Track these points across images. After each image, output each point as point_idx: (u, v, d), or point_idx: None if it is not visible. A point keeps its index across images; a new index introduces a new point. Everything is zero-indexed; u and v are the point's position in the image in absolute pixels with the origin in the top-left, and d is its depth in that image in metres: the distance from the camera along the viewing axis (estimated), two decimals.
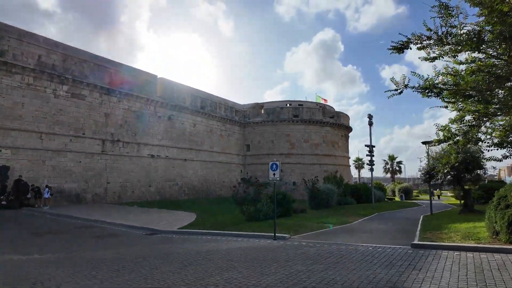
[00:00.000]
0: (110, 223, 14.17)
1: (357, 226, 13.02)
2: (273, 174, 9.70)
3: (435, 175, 16.04)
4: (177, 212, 19.03)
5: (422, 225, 12.12)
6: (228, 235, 10.55)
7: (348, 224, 13.29)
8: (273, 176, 9.71)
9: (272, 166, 9.76)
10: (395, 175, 74.95)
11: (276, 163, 9.75)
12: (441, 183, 17.42)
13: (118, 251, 8.61)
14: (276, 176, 9.66)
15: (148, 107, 30.53)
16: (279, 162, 9.84)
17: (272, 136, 39.88)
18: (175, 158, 32.75)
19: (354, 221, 14.20)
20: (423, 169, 17.23)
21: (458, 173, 15.15)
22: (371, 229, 12.02)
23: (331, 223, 12.72)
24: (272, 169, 9.72)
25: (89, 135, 25.47)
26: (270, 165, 9.82)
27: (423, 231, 10.19)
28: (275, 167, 9.69)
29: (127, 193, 27.81)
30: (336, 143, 41.59)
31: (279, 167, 9.66)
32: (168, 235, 11.40)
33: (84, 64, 25.57)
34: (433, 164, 16.04)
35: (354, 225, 13.27)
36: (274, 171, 9.66)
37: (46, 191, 20.43)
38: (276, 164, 9.72)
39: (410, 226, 12.60)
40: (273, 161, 9.87)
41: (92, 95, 25.94)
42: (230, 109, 40.43)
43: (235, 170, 40.25)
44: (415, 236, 9.37)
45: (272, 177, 9.75)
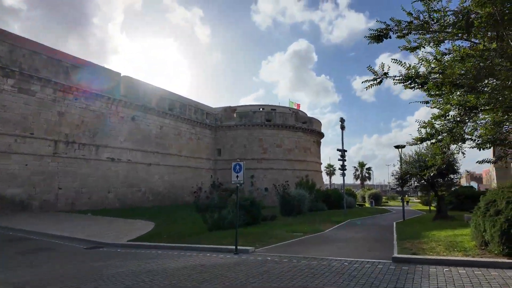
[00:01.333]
0: (50, 235, 12.15)
1: (330, 234, 11.97)
2: (236, 176, 8.39)
3: (408, 179, 15.55)
4: (134, 221, 17.13)
5: (398, 233, 11.30)
6: (184, 248, 9.05)
7: (320, 232, 12.21)
8: (236, 179, 8.40)
9: (235, 168, 8.45)
10: (364, 181, 76.32)
11: (240, 164, 8.46)
12: (415, 188, 16.98)
13: (40, 270, 6.88)
14: (239, 179, 8.36)
15: (110, 106, 28.21)
16: (243, 163, 8.56)
17: (245, 141, 38.63)
18: (139, 162, 30.49)
19: (326, 229, 13.16)
20: (396, 174, 16.72)
21: (432, 178, 14.73)
22: (345, 238, 11.00)
23: (301, 232, 11.58)
24: (235, 170, 8.40)
25: (39, 135, 22.83)
26: (232, 166, 8.50)
27: (401, 240, 9.28)
28: (238, 169, 8.39)
29: (83, 200, 25.23)
30: (309, 148, 41.09)
31: (243, 169, 8.37)
32: (113, 249, 9.69)
33: (36, 57, 23.02)
34: (406, 168, 15.56)
35: (327, 233, 12.21)
36: (238, 173, 8.35)
37: None
38: (240, 165, 8.43)
39: (386, 234, 11.75)
40: (237, 162, 8.57)
41: (44, 91, 23.37)
42: (201, 111, 38.76)
43: (206, 175, 38.46)
44: (393, 246, 8.40)
45: (235, 180, 8.44)
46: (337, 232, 12.71)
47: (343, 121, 21.66)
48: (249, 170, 37.86)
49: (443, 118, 7.05)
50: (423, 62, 6.45)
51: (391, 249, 8.11)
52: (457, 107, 6.54)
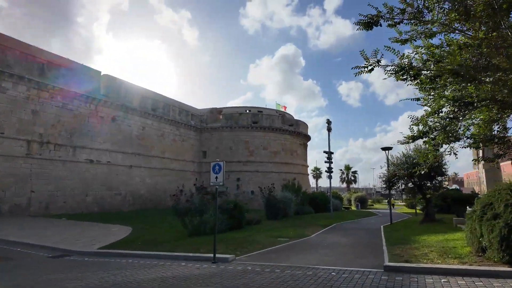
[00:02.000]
0: (12, 242, 11.08)
1: (316, 239, 11.39)
2: (215, 178, 7.69)
3: (396, 182, 15.21)
4: (110, 226, 16.12)
5: (387, 238, 10.83)
6: (158, 257, 8.26)
7: (306, 237, 11.61)
8: (216, 180, 7.70)
9: (214, 168, 7.75)
10: (350, 184, 76.66)
11: (219, 163, 7.77)
12: (402, 190, 16.67)
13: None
14: (219, 180, 7.66)
15: (88, 105, 26.97)
16: (223, 162, 7.86)
17: (231, 143, 37.89)
18: (119, 164, 29.26)
19: (312, 234, 12.58)
20: (383, 176, 16.36)
21: (420, 180, 14.43)
22: (332, 243, 10.43)
23: (286, 237, 10.95)
24: (214, 171, 7.70)
25: (11, 135, 21.47)
26: (212, 166, 7.80)
27: (390, 245, 8.79)
28: (217, 169, 7.70)
29: (58, 204, 23.87)
30: (295, 151, 40.71)
31: (222, 169, 7.68)
32: (80, 258, 8.80)
33: (8, 52, 21.70)
34: (393, 170, 15.19)
35: (313, 238, 11.62)
36: (217, 174, 7.66)
37: None
38: (219, 165, 7.73)
39: (374, 239, 11.27)
40: (216, 161, 7.87)
41: (16, 89, 22.04)
42: (186, 112, 37.80)
43: (190, 178, 37.39)
44: (383, 252, 7.88)
45: (214, 181, 7.74)
46: (324, 236, 12.15)
47: (329, 123, 21.29)
48: (235, 173, 37.14)
49: (436, 115, 6.60)
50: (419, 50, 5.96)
51: (381, 255, 7.58)
52: (452, 103, 6.10)
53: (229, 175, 37.20)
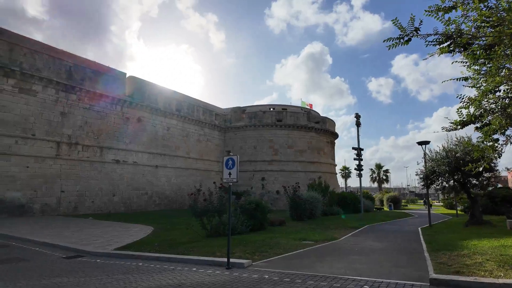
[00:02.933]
0: (33, 242, 11.02)
1: (346, 243, 10.29)
2: (228, 174, 6.93)
3: (435, 179, 13.63)
4: (132, 226, 15.94)
5: (427, 242, 9.51)
6: (170, 260, 7.64)
7: (333, 240, 10.54)
8: (229, 176, 6.94)
9: (227, 163, 6.98)
10: (382, 184, 73.28)
11: (232, 158, 6.99)
12: (442, 188, 15.01)
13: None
14: (232, 176, 6.89)
15: (114, 107, 27.40)
16: (237, 156, 7.07)
17: (255, 142, 37.20)
18: (145, 165, 29.52)
19: (341, 237, 11.47)
20: (421, 173, 14.75)
21: (464, 177, 12.77)
22: (364, 247, 9.31)
23: (312, 240, 9.96)
24: (227, 166, 6.94)
25: (41, 136, 22.13)
26: (224, 161, 7.04)
27: (433, 252, 7.55)
28: (231, 164, 6.92)
29: (86, 204, 24.36)
30: (322, 149, 39.23)
31: (236, 164, 6.89)
32: (92, 259, 8.39)
33: (36, 56, 22.40)
34: (432, 166, 13.62)
35: (342, 242, 10.53)
36: (230, 170, 6.89)
37: None
38: (233, 160, 6.95)
39: (412, 243, 9.98)
40: (229, 155, 7.09)
41: (45, 92, 22.71)
42: (210, 112, 37.63)
43: (214, 177, 37.10)
44: (426, 260, 6.71)
45: (227, 178, 6.98)
46: (354, 240, 11.01)
47: (358, 117, 19.88)
48: (260, 172, 36.40)
49: (492, 94, 5.39)
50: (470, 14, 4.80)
51: (423, 264, 6.43)
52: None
53: (254, 174, 36.54)
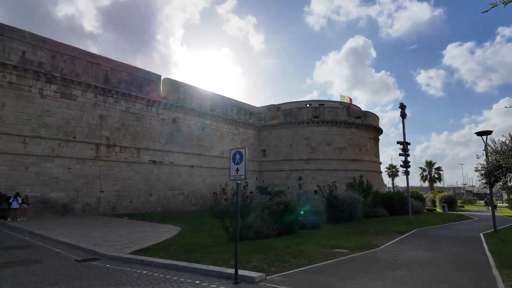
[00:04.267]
0: (59, 242, 11.01)
1: (387, 253, 8.70)
2: (235, 170, 5.90)
3: (501, 176, 11.30)
4: (162, 226, 15.66)
5: (494, 253, 7.62)
6: (177, 268, 6.84)
7: (373, 249, 9.00)
8: (236, 173, 5.91)
9: (234, 157, 5.94)
10: (434, 183, 67.23)
11: (240, 151, 5.92)
12: None
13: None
14: (240, 172, 5.84)
15: (150, 108, 27.87)
16: (245, 149, 5.99)
17: (290, 140, 35.82)
18: (181, 165, 29.68)
19: (382, 244, 9.85)
20: (482, 168, 12.30)
21: None
22: (410, 260, 7.70)
23: (346, 248, 8.53)
24: (234, 161, 5.90)
25: (81, 139, 23.06)
26: (231, 155, 6.00)
27: (505, 268, 5.81)
28: (238, 158, 5.87)
29: (124, 203, 24.96)
30: (364, 146, 36.60)
31: (244, 158, 5.82)
32: (103, 264, 7.91)
33: (76, 62, 23.39)
34: (497, 160, 11.32)
35: (383, 251, 8.95)
36: (238, 165, 5.85)
37: (13, 199, 17.81)
38: (241, 153, 5.89)
39: (474, 254, 8.12)
40: (236, 148, 6.04)
41: (84, 96, 23.64)
42: (244, 111, 37.03)
43: (250, 177, 36.46)
44: (494, 279, 5.07)
45: (234, 175, 5.95)
46: (398, 248, 9.35)
47: (403, 107, 17.65)
48: (297, 172, 34.95)
49: None
50: None
51: (491, 284, 4.83)
52: None
53: (290, 174, 35.17)
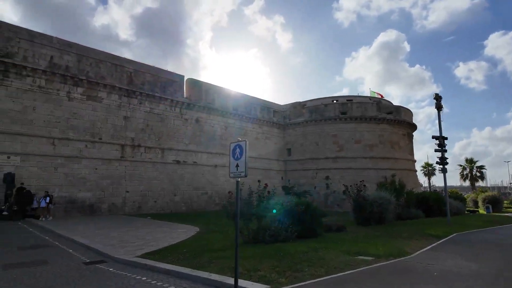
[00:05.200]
0: (75, 242, 10.95)
1: (420, 262, 7.55)
2: (235, 166, 5.19)
3: None
4: (181, 227, 15.36)
5: None
6: (178, 275, 6.27)
7: (404, 257, 7.87)
8: (236, 169, 5.21)
9: (234, 151, 5.23)
10: (475, 182, 62.19)
11: (240, 144, 5.21)
12: None
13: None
14: (240, 169, 5.13)
15: (173, 109, 28.00)
16: (246, 142, 5.25)
17: (316, 138, 34.51)
18: (204, 164, 29.55)
19: (415, 251, 8.66)
20: None
21: None
22: (448, 271, 6.55)
23: (372, 255, 7.51)
24: (234, 156, 5.19)
25: (107, 140, 23.54)
26: (231, 149, 5.30)
27: None
28: (238, 153, 5.16)
29: (149, 203, 25.18)
30: (396, 143, 34.44)
31: (245, 152, 5.08)
32: (107, 267, 7.57)
33: (101, 65, 23.93)
34: None
35: (415, 259, 7.79)
36: (238, 161, 5.13)
37: (41, 199, 18.37)
38: (241, 147, 5.16)
39: None
40: (237, 141, 5.33)
41: (109, 97, 24.12)
42: (268, 109, 36.27)
43: (275, 177, 35.67)
44: None
45: (234, 172, 5.25)
46: (433, 257, 8.15)
47: (438, 98, 15.97)
48: (324, 171, 33.61)
49: None
50: None
51: None
52: None
53: (317, 173, 33.91)
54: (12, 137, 19.58)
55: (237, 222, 5.54)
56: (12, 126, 19.63)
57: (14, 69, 19.95)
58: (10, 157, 19.44)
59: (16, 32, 20.39)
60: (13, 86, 19.91)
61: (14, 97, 19.91)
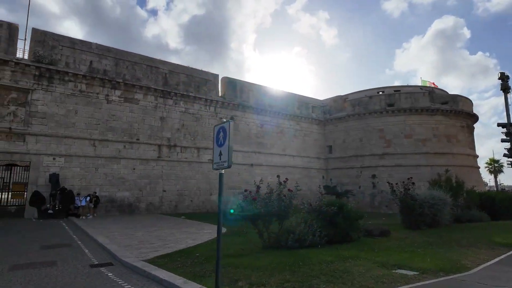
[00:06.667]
0: (96, 243, 10.74)
1: (482, 281, 5.73)
2: (219, 153, 4.11)
3: None
4: (208, 227, 14.71)
5: None
6: (169, 286, 5.35)
7: (459, 273, 6.08)
8: (219, 158, 4.12)
9: (217, 136, 4.15)
10: None
11: (223, 126, 4.12)
12: None
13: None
14: (223, 158, 4.03)
15: (208, 108, 27.79)
16: (230, 123, 4.12)
17: (360, 133, 32.00)
18: (240, 163, 28.86)
19: (476, 265, 6.76)
20: None
21: None
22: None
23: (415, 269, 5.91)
24: (217, 142, 4.12)
25: (144, 140, 23.97)
26: (215, 133, 4.21)
27: None
28: (222, 137, 4.07)
29: (185, 203, 25.16)
30: (454, 136, 30.55)
31: (228, 136, 3.97)
32: (108, 272, 7.00)
33: (136, 67, 24.48)
34: None
35: (475, 277, 5.96)
36: (221, 148, 4.05)
37: (79, 198, 19.02)
38: (224, 129, 4.06)
39: None
40: (221, 123, 4.23)
41: (146, 99, 24.56)
42: (306, 105, 34.57)
43: (316, 176, 33.84)
44: None
45: (217, 163, 4.16)
46: (502, 274, 6.23)
47: (505, 78, 13.20)
48: (370, 169, 31.00)
49: None
50: None
51: None
52: None
53: (361, 171, 31.39)
54: (58, 140, 20.67)
55: (219, 223, 4.46)
56: (57, 129, 20.72)
57: (58, 75, 21.07)
58: (56, 159, 20.54)
59: (59, 40, 21.55)
60: (57, 91, 21.03)
61: (58, 102, 21.02)
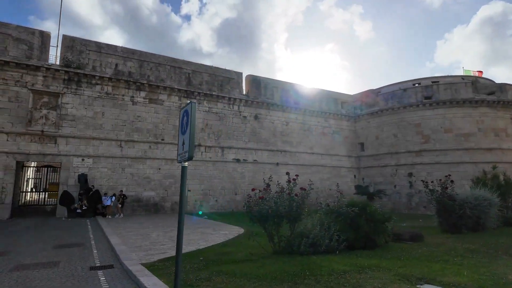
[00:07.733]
0: (107, 242, 10.63)
1: None
2: (182, 143, 3.40)
3: None
4: (227, 228, 14.25)
5: None
6: None
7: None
8: (182, 149, 3.42)
9: (182, 122, 3.46)
10: None
11: (186, 109, 3.40)
12: None
13: None
14: (185, 148, 3.32)
15: (231, 107, 27.40)
16: (193, 104, 3.36)
17: (394, 129, 29.89)
18: (265, 162, 28.16)
19: None
20: None
21: None
22: None
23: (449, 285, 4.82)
24: (182, 129, 3.42)
25: (169, 140, 24.09)
26: (180, 118, 3.52)
27: None
28: (185, 123, 3.37)
29: (210, 202, 24.94)
30: (503, 130, 27.48)
31: (190, 121, 3.26)
32: (104, 275, 6.63)
33: (160, 68, 24.71)
34: None
35: None
36: (184, 135, 3.34)
37: (105, 198, 19.38)
38: (187, 113, 3.35)
39: None
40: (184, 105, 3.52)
41: (170, 99, 24.71)
42: (334, 101, 33.02)
43: (347, 175, 32.18)
44: None
45: (181, 154, 3.45)
46: None
47: None
48: (405, 167, 28.83)
49: None
50: None
51: None
52: None
53: (397, 169, 29.28)
54: (86, 141, 21.33)
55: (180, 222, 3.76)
56: (86, 131, 21.39)
57: (85, 79, 21.76)
58: (84, 159, 21.22)
59: (86, 45, 22.28)
60: (85, 94, 21.72)
61: (87, 105, 21.70)
